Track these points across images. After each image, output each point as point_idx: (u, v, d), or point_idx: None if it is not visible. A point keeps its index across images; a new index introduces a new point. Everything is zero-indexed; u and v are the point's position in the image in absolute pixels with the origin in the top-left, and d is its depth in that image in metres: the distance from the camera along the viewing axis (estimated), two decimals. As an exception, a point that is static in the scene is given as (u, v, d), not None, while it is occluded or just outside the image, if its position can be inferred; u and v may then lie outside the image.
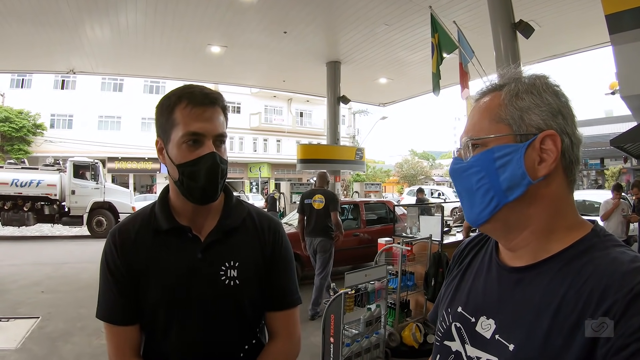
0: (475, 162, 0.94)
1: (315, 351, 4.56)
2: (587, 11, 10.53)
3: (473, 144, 0.95)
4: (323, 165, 16.98)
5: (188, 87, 1.38)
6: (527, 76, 0.94)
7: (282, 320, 1.55)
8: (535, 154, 0.88)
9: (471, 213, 0.97)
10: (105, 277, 1.41)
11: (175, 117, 1.33)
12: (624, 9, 6.19)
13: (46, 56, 14.35)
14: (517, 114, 0.90)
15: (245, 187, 42.72)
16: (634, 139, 8.32)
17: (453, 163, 1.01)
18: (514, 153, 0.89)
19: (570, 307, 0.79)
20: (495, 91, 0.96)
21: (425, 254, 5.95)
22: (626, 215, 8.51)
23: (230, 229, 1.47)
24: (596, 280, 0.78)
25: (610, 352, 0.71)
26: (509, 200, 0.89)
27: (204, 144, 1.33)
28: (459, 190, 1.00)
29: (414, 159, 62.10)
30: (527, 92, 0.91)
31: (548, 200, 0.89)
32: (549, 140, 0.87)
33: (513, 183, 0.88)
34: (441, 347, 1.06)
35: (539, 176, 0.87)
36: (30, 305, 7.42)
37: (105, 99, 36.91)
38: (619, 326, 0.71)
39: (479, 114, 0.97)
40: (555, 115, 0.89)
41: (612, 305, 0.73)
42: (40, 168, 18.39)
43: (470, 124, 0.98)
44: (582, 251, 0.85)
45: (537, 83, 0.92)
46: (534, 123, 0.89)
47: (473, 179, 0.94)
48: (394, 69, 16.23)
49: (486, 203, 0.92)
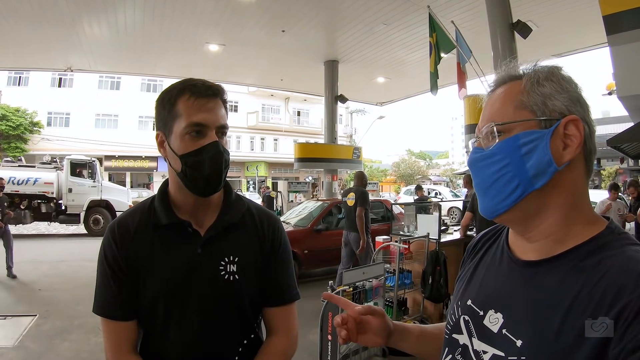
0: (498, 149, 0.91)
1: (313, 349, 4.56)
2: (584, 12, 10.58)
3: (498, 130, 0.92)
4: (320, 164, 17.03)
5: (190, 79, 1.39)
6: (543, 66, 0.94)
7: (280, 316, 1.55)
8: (559, 140, 0.87)
9: (490, 203, 0.94)
10: (103, 271, 1.41)
11: (178, 108, 1.33)
12: (621, 10, 6.20)
13: (44, 53, 14.33)
14: (540, 99, 0.89)
15: (242, 186, 42.66)
16: (631, 139, 8.36)
17: (473, 152, 0.99)
18: (540, 139, 0.87)
19: (583, 306, 0.77)
20: (514, 80, 0.95)
21: (422, 253, 5.96)
22: (622, 215, 8.54)
23: (230, 225, 1.47)
24: (611, 279, 0.76)
25: (624, 353, 0.70)
26: (535, 187, 0.87)
27: (207, 134, 1.34)
28: (478, 182, 0.97)
29: (411, 158, 62.36)
30: (547, 80, 0.90)
31: (570, 188, 0.88)
32: (572, 125, 0.87)
33: (540, 170, 0.87)
34: (450, 339, 1.05)
35: (564, 162, 0.86)
36: (27, 303, 7.42)
37: (102, 97, 36.86)
38: (632, 326, 0.70)
39: (500, 102, 0.95)
40: (575, 102, 0.89)
41: (626, 305, 0.72)
42: (37, 166, 18.36)
43: (491, 112, 0.96)
44: (597, 248, 0.84)
45: (555, 72, 0.92)
46: (557, 108, 0.88)
47: (495, 167, 0.92)
48: (392, 68, 16.28)
49: (509, 192, 0.90)
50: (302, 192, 19.74)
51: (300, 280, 8.75)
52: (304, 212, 10.71)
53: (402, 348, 1.21)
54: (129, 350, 1.40)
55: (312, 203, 11.36)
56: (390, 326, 1.19)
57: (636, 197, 8.90)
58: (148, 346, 1.45)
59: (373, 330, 1.17)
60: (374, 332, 1.17)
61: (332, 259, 9.68)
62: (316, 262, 9.54)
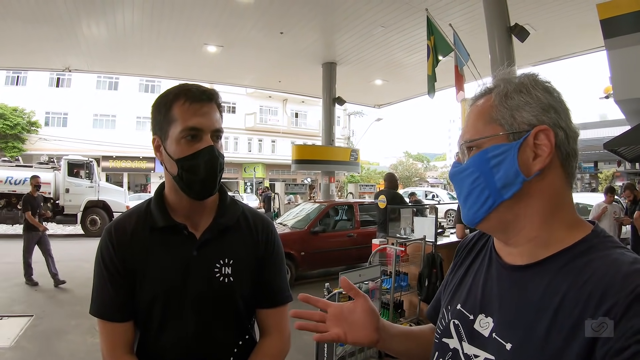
0: (471, 164, 0.95)
1: (309, 351, 4.57)
2: (582, 16, 10.61)
3: (468, 146, 0.96)
4: (318, 166, 17.02)
5: (184, 85, 1.42)
6: (516, 76, 0.96)
7: (273, 318, 1.58)
8: (529, 150, 0.88)
9: (468, 213, 0.97)
10: (100, 273, 1.43)
11: (173, 113, 1.36)
12: (618, 14, 6.24)
13: (42, 53, 14.29)
14: (508, 113, 0.91)
15: (239, 187, 42.64)
16: (628, 143, 8.38)
17: (452, 167, 1.03)
18: (507, 152, 0.89)
19: (571, 307, 0.79)
20: (487, 94, 0.97)
21: (419, 255, 5.97)
22: (618, 218, 8.58)
23: (225, 227, 1.50)
24: (597, 281, 0.78)
25: (610, 353, 0.71)
26: (504, 198, 0.90)
27: (202, 138, 1.36)
28: (458, 193, 1.01)
29: (409, 160, 62.29)
30: (517, 91, 0.92)
31: (546, 195, 0.90)
32: (542, 135, 0.88)
33: (507, 181, 0.89)
34: (440, 344, 1.07)
35: (534, 172, 0.88)
36: (24, 303, 7.42)
37: (100, 97, 36.75)
38: (619, 327, 0.71)
39: (473, 117, 0.98)
40: (547, 110, 0.90)
41: (612, 306, 0.73)
42: (35, 166, 18.33)
43: (465, 128, 1.00)
44: (582, 251, 0.85)
45: (526, 81, 0.93)
46: (526, 120, 0.89)
47: (469, 179, 0.95)
48: (390, 71, 16.29)
49: (482, 202, 0.93)
50: (299, 194, 19.74)
51: (296, 282, 8.79)
52: (301, 214, 10.71)
53: (391, 349, 1.21)
54: (126, 352, 1.42)
55: (310, 205, 11.36)
56: (376, 311, 1.18)
57: (632, 200, 8.93)
58: (144, 347, 1.47)
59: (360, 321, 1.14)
60: (362, 325, 1.14)
61: (328, 260, 9.71)
62: (313, 263, 9.57)
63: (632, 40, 6.06)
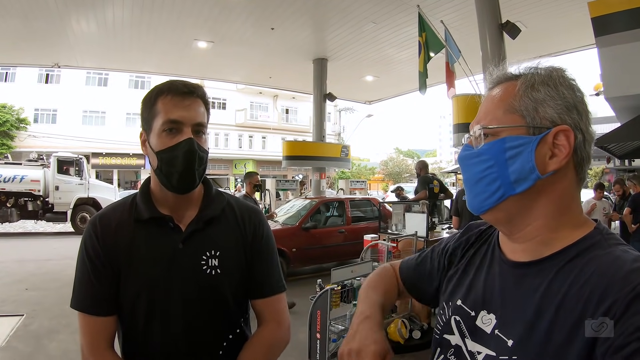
0: (485, 150, 0.93)
1: (302, 347, 4.57)
2: (573, 14, 10.68)
3: (485, 132, 0.94)
4: (308, 162, 17.02)
5: (170, 81, 1.42)
6: (544, 67, 0.93)
7: (268, 307, 1.56)
8: (547, 148, 0.87)
9: (474, 200, 0.96)
10: (83, 265, 1.41)
11: (157, 107, 1.37)
12: (609, 12, 6.29)
13: (31, 49, 14.15)
14: (532, 105, 0.89)
15: (230, 184, 42.53)
16: (618, 140, 8.44)
17: (463, 149, 1.00)
18: (526, 145, 0.87)
19: (572, 305, 0.79)
20: (511, 80, 0.95)
21: (410, 251, 5.98)
22: (607, 214, 8.63)
23: (211, 218, 1.49)
24: (598, 279, 0.78)
25: (610, 351, 0.71)
26: (516, 192, 0.88)
27: (182, 131, 1.36)
28: (466, 178, 0.99)
29: (399, 156, 62.57)
30: (544, 84, 0.89)
31: (555, 195, 0.89)
32: (562, 135, 0.86)
33: (521, 176, 0.88)
34: (440, 340, 1.06)
35: (549, 171, 0.87)
36: (14, 302, 7.36)
37: (89, 93, 36.38)
38: (619, 325, 0.71)
39: (492, 103, 0.95)
40: (571, 109, 0.88)
41: (612, 304, 0.73)
42: (24, 163, 18.16)
43: (483, 113, 0.97)
44: (584, 249, 0.85)
45: (554, 75, 0.90)
46: (549, 116, 0.88)
47: (481, 166, 0.93)
48: (381, 67, 16.30)
49: (491, 192, 0.91)
50: (289, 190, 19.72)
51: (288, 278, 8.76)
52: (292, 210, 10.72)
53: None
54: (106, 347, 1.39)
55: (300, 201, 11.37)
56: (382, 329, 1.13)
57: (621, 195, 9.00)
58: (130, 341, 1.46)
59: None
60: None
61: (320, 257, 9.71)
62: (305, 260, 9.57)
63: (623, 38, 6.11)
